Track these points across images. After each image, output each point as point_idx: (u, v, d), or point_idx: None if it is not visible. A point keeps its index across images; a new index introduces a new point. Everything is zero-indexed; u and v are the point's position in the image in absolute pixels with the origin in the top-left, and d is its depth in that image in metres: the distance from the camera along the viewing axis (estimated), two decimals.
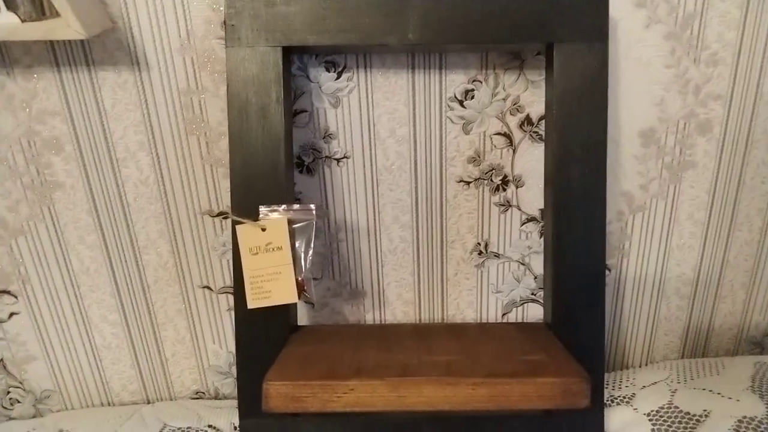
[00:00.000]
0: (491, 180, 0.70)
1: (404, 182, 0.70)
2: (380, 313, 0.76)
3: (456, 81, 0.66)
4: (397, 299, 0.76)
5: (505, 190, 0.70)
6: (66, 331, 0.77)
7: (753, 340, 0.81)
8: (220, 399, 0.81)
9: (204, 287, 0.75)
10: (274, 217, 0.59)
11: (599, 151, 0.60)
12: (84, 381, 0.80)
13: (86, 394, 0.80)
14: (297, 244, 0.59)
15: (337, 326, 0.73)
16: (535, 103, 0.66)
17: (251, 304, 0.59)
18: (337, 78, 0.65)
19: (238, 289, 0.61)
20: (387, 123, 0.67)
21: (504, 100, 0.66)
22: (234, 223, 0.60)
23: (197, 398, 0.81)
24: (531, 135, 0.67)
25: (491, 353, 0.57)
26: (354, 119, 0.67)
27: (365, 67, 0.65)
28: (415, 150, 0.68)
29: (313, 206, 0.60)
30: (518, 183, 0.70)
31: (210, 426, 0.70)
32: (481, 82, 0.65)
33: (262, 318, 0.61)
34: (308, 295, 0.60)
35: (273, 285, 0.59)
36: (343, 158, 0.69)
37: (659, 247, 0.74)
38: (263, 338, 0.62)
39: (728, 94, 0.67)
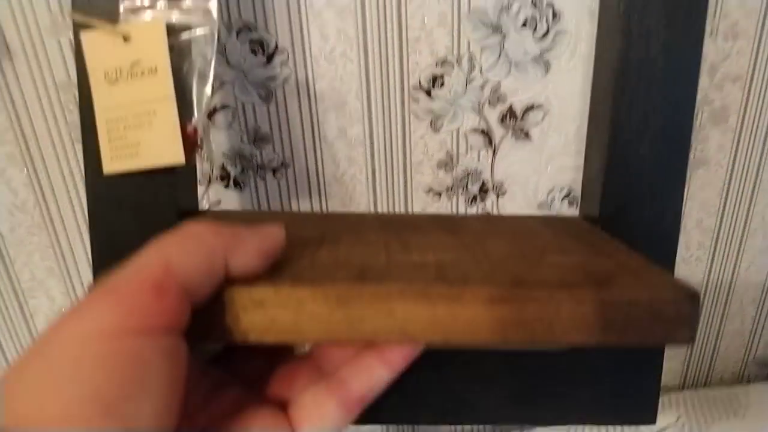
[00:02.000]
0: (466, 188, 0.53)
1: (360, 196, 0.52)
2: None
3: (421, 63, 0.48)
4: None
5: (483, 200, 0.53)
6: None
7: (762, 360, 0.66)
8: None
9: None
10: (146, 18, 0.31)
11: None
12: None
13: None
14: (185, 67, 0.32)
15: (257, 213, 0.48)
16: (520, 90, 0.49)
17: (108, 167, 0.33)
18: (267, 62, 0.47)
19: (89, 143, 0.34)
20: (335, 121, 0.49)
21: (481, 87, 0.49)
22: (76, 27, 0.33)
23: None
24: (515, 131, 0.51)
25: (511, 252, 0.31)
26: (293, 117, 0.49)
27: (303, 48, 0.47)
28: (372, 155, 0.51)
29: (214, 2, 0.32)
30: (499, 191, 0.53)
31: None
32: (453, 65, 0.48)
33: (129, 193, 0.34)
34: (205, 151, 0.35)
35: (143, 134, 0.32)
36: (280, 167, 0.51)
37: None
38: (132, 229, 0.35)
39: (748, 75, 0.51)
